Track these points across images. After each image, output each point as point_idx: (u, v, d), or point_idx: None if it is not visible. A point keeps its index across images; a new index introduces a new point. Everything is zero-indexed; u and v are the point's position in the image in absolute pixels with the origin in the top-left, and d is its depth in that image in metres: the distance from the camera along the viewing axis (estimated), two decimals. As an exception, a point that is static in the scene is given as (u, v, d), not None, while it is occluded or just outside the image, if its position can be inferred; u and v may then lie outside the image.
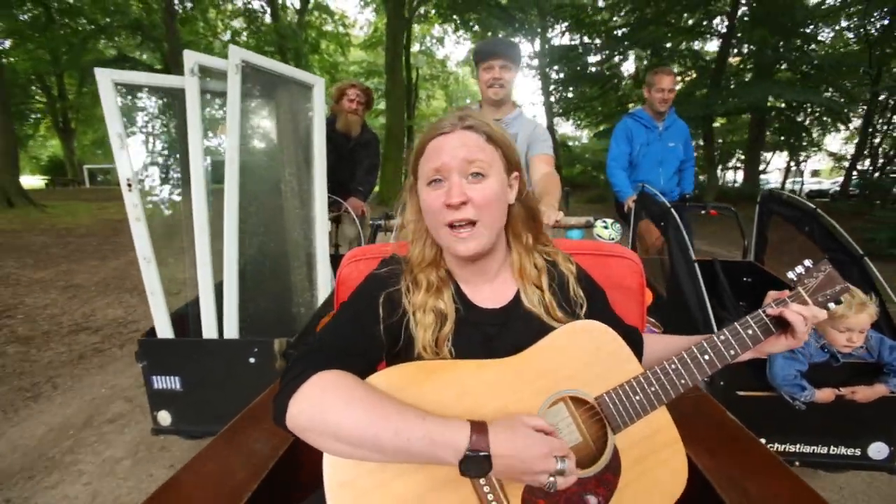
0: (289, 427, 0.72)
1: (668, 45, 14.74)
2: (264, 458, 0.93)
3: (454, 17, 19.35)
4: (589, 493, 0.77)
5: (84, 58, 15.61)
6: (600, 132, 16.80)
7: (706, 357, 0.83)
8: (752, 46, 13.27)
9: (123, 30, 16.45)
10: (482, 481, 0.73)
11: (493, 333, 0.89)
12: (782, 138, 15.37)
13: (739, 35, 13.27)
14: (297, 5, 20.46)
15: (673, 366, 0.83)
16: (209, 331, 2.02)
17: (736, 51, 13.97)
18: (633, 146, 3.43)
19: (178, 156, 2.24)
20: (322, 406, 0.69)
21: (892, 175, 12.28)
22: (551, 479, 0.68)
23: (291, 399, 0.71)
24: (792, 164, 17.22)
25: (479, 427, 0.69)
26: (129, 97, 2.23)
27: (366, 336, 0.84)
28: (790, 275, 0.88)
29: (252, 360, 1.91)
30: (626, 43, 15.33)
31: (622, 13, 15.61)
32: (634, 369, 0.84)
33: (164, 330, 2.04)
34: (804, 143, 15.66)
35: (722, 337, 0.85)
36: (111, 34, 16.71)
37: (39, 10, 15.05)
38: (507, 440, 0.68)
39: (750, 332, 0.84)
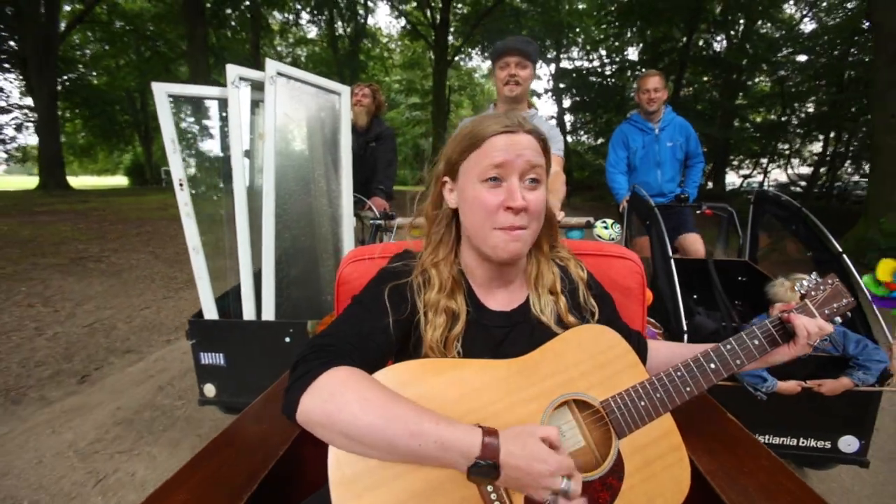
0: (299, 421, 0.64)
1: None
2: (268, 454, 0.84)
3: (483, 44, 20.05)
4: (592, 496, 0.70)
5: (166, 78, 16.67)
6: (594, 147, 18.47)
7: (712, 366, 0.77)
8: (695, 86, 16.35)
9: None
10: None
11: (502, 336, 0.81)
12: (756, 148, 16.15)
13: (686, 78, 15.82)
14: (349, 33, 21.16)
15: (679, 373, 0.76)
16: (249, 314, 2.02)
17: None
18: (630, 150, 3.21)
19: (223, 158, 2.24)
20: (334, 403, 0.62)
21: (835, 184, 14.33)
22: (552, 496, 0.61)
23: (304, 394, 0.63)
24: (768, 167, 17.25)
25: (490, 434, 0.61)
26: (184, 107, 2.26)
27: (377, 331, 0.75)
28: (798, 288, 0.83)
29: (287, 339, 1.91)
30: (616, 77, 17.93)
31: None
32: (640, 375, 0.76)
33: (211, 311, 2.04)
34: (759, 151, 16.29)
35: (728, 346, 0.78)
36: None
37: (147, 44, 17.32)
38: (518, 453, 0.61)
39: (756, 342, 0.78)
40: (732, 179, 17.57)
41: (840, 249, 2.03)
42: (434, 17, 18.24)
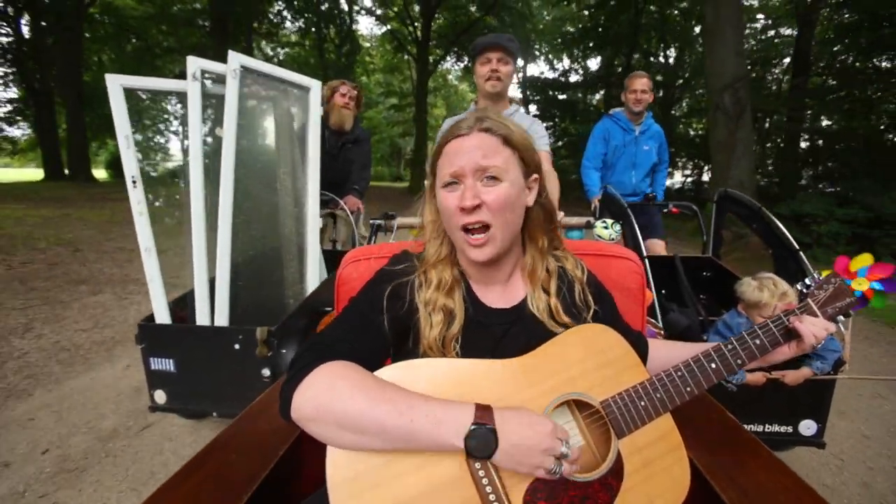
0: (294, 418, 0.62)
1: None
2: (268, 454, 0.79)
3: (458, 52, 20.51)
4: (591, 496, 0.65)
5: (153, 75, 15.66)
6: (554, 149, 19.21)
7: (713, 365, 0.72)
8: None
9: (189, 51, 16.62)
10: (484, 480, 0.60)
11: (501, 334, 0.77)
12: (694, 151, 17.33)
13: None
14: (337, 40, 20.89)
15: (679, 373, 0.71)
16: (202, 318, 1.81)
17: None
18: (609, 147, 3.09)
19: (182, 155, 2.01)
20: (327, 394, 0.60)
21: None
22: (555, 464, 0.59)
23: (296, 389, 0.61)
24: (705, 168, 18.09)
25: (483, 406, 0.60)
26: (146, 101, 2.03)
27: (373, 329, 0.73)
28: (799, 287, 0.80)
29: (237, 346, 1.70)
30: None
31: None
32: (640, 375, 0.72)
33: (162, 316, 1.83)
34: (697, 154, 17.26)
35: (730, 346, 0.73)
36: (174, 55, 17.54)
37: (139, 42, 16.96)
38: (512, 419, 0.59)
39: (757, 342, 0.73)
40: (678, 178, 18.77)
41: (797, 246, 2.04)
42: (416, 32, 18.66)
